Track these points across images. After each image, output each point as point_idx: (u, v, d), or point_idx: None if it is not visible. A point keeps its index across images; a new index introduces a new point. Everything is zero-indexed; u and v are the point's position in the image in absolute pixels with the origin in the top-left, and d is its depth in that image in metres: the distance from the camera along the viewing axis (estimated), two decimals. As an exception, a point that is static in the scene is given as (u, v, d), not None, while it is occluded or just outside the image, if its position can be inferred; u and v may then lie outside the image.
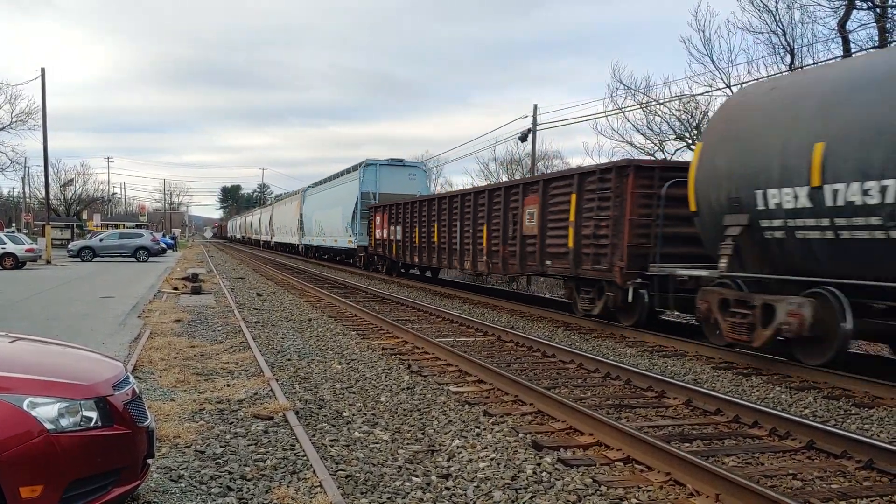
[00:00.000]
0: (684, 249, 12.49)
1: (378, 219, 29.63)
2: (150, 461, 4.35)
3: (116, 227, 61.39)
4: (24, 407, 3.65)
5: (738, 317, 10.18)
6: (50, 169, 41.18)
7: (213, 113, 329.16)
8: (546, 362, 10.22)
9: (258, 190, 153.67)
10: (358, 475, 5.34)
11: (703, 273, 11.23)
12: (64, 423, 3.72)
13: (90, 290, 20.75)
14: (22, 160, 60.29)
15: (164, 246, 52.12)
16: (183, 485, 5.06)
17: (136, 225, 69.30)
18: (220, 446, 5.94)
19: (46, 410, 3.69)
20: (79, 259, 39.17)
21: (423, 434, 6.49)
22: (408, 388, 8.34)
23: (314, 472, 5.29)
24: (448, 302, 18.96)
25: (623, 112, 27.99)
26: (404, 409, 7.36)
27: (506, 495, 5.04)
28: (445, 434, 6.50)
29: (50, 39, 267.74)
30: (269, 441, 6.11)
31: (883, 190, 8.26)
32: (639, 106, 27.66)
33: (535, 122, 33.20)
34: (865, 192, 8.44)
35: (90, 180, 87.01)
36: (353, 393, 8.08)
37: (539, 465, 5.66)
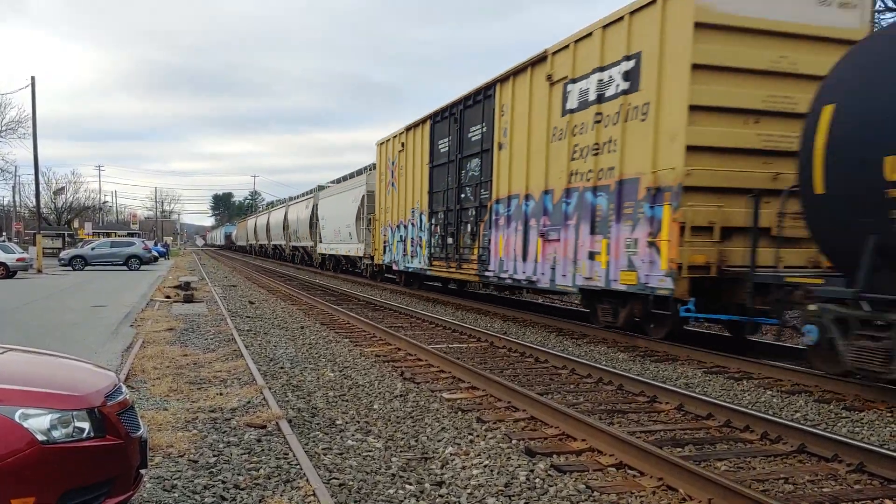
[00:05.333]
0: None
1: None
2: (143, 471, 4.35)
3: (108, 235, 61.19)
4: (16, 418, 3.64)
5: None
6: (40, 177, 41.09)
7: (196, 120, 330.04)
8: (539, 368, 10.24)
9: (249, 197, 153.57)
10: (351, 483, 5.35)
11: None
12: (56, 434, 3.72)
13: (82, 298, 20.69)
14: (12, 169, 60.20)
15: (155, 254, 51.99)
16: (176, 494, 5.07)
17: (128, 233, 69.08)
18: (214, 455, 5.93)
19: (38, 422, 3.68)
20: (70, 268, 39.05)
21: (416, 441, 6.50)
22: (401, 396, 8.34)
23: (308, 480, 5.29)
24: (441, 308, 18.97)
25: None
26: (397, 417, 7.37)
27: (499, 502, 5.06)
28: (439, 441, 6.51)
29: (28, 47, 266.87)
30: (263, 450, 6.10)
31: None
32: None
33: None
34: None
35: (81, 188, 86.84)
36: (346, 401, 8.09)
37: (532, 471, 5.67)
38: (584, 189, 13.16)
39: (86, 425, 3.83)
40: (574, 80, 13.47)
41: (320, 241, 39.33)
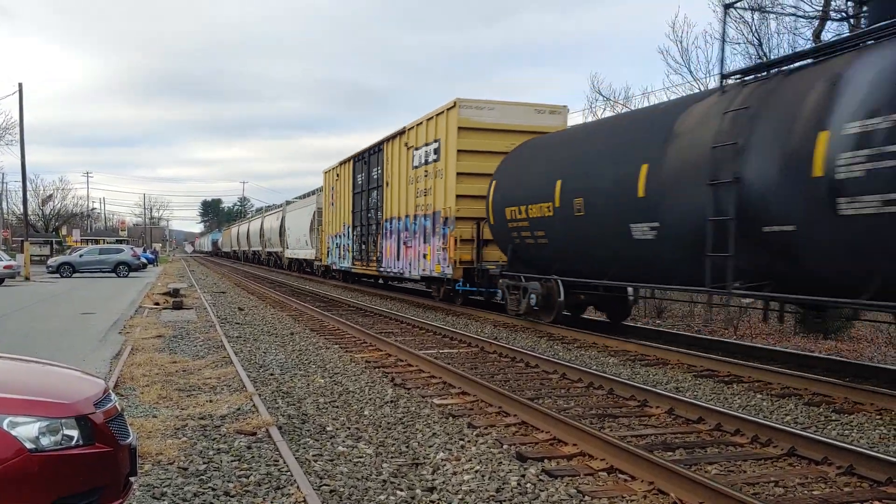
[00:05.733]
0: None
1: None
2: (132, 479, 4.32)
3: (96, 242, 60.92)
4: (4, 426, 3.60)
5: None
6: (28, 184, 40.89)
7: (185, 126, 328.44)
8: (529, 373, 10.24)
9: (238, 203, 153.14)
10: (342, 490, 5.33)
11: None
12: (44, 442, 3.68)
13: (70, 306, 20.57)
14: (-1, 176, 59.85)
15: (144, 261, 51.71)
16: (166, 502, 5.04)
17: (117, 240, 68.78)
18: (204, 463, 5.91)
19: (27, 430, 3.65)
20: (58, 275, 38.82)
21: (407, 447, 6.49)
22: (392, 402, 8.33)
23: (298, 487, 5.27)
24: (431, 314, 18.96)
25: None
26: (388, 423, 7.35)
27: (490, 507, 5.05)
28: (430, 447, 6.50)
29: (15, 53, 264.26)
30: (253, 457, 6.08)
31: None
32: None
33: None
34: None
35: (69, 195, 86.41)
36: (337, 407, 8.06)
37: (523, 476, 5.67)
38: (421, 215, 21.16)
39: (75, 433, 3.80)
40: (416, 148, 21.64)
41: (287, 248, 48.27)
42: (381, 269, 25.12)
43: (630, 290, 14.89)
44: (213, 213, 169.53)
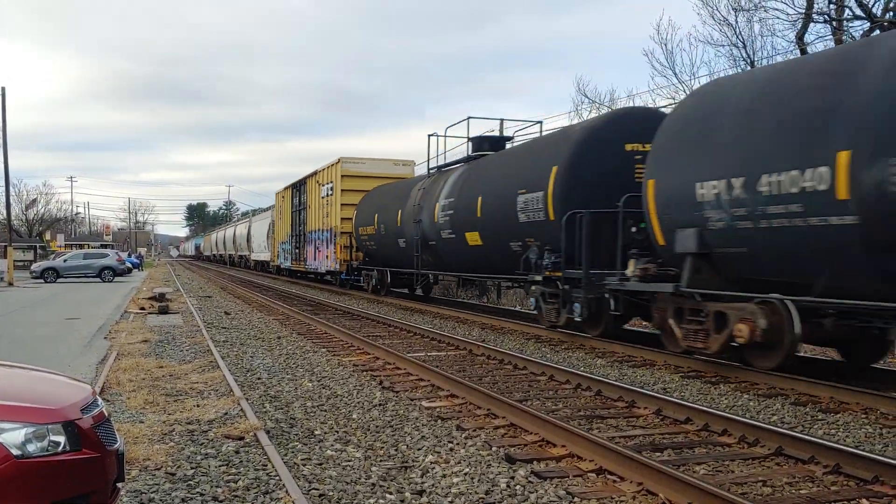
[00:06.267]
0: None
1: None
2: (119, 485, 4.28)
3: (81, 247, 60.46)
4: (-10, 433, 3.57)
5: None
6: (11, 189, 40.56)
7: (170, 130, 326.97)
8: (518, 375, 10.25)
9: (224, 207, 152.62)
10: (331, 494, 5.31)
11: None
12: (31, 448, 3.65)
13: (55, 311, 20.41)
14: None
15: (129, 266, 51.37)
16: (153, 508, 5.00)
17: (101, 245, 68.30)
18: (191, 468, 5.87)
19: (12, 436, 3.62)
20: (42, 280, 38.49)
21: (396, 450, 6.47)
22: (380, 405, 8.31)
23: (287, 491, 5.25)
24: (418, 317, 18.96)
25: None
26: (377, 426, 7.33)
27: (480, 510, 5.04)
28: (419, 450, 6.48)
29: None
30: (241, 461, 6.05)
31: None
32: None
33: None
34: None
35: (53, 200, 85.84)
36: (325, 411, 8.04)
37: (513, 478, 5.67)
38: (325, 229, 30.67)
39: (61, 439, 3.77)
40: (323, 185, 31.35)
41: (252, 252, 58.28)
42: (307, 266, 35.23)
43: (431, 276, 22.67)
44: (199, 216, 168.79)
